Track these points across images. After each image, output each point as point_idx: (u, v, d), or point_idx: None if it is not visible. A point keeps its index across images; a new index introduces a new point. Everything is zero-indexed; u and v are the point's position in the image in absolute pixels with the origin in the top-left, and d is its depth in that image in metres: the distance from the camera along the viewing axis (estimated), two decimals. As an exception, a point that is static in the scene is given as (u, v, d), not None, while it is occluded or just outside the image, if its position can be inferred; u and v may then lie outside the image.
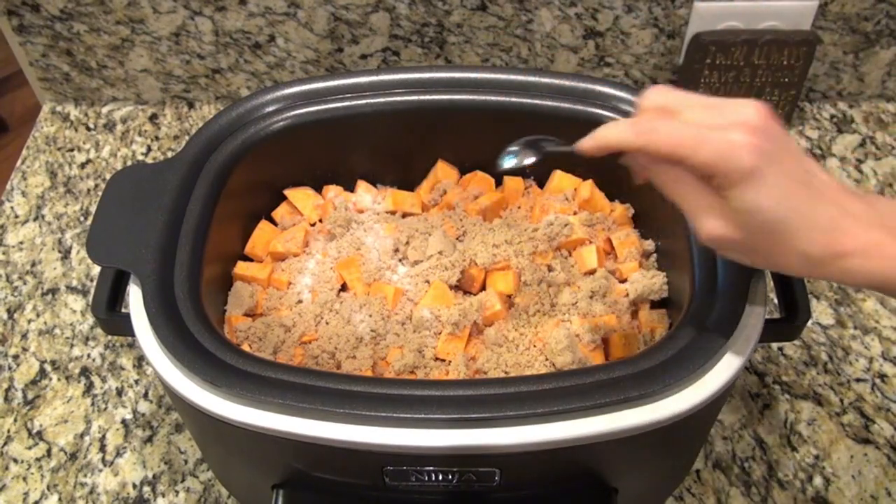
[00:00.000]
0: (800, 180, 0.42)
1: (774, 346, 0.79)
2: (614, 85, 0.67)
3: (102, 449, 0.73)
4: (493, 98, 0.68)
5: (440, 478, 0.53)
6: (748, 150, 0.40)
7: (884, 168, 0.94)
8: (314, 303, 0.66)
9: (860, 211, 0.42)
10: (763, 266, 0.46)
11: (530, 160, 0.53)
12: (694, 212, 0.44)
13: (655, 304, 0.66)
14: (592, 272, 0.68)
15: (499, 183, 0.75)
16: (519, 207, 0.72)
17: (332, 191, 0.74)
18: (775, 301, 0.61)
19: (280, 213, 0.73)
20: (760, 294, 0.54)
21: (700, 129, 0.42)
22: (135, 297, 0.56)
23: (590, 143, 0.46)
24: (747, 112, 0.42)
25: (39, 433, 0.74)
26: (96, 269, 0.85)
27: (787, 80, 0.93)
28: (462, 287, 0.67)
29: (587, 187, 0.72)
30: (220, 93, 1.03)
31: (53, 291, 0.85)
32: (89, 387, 0.77)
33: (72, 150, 0.99)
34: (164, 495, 0.70)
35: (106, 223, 0.59)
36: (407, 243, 0.69)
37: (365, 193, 0.74)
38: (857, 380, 0.76)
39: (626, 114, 0.66)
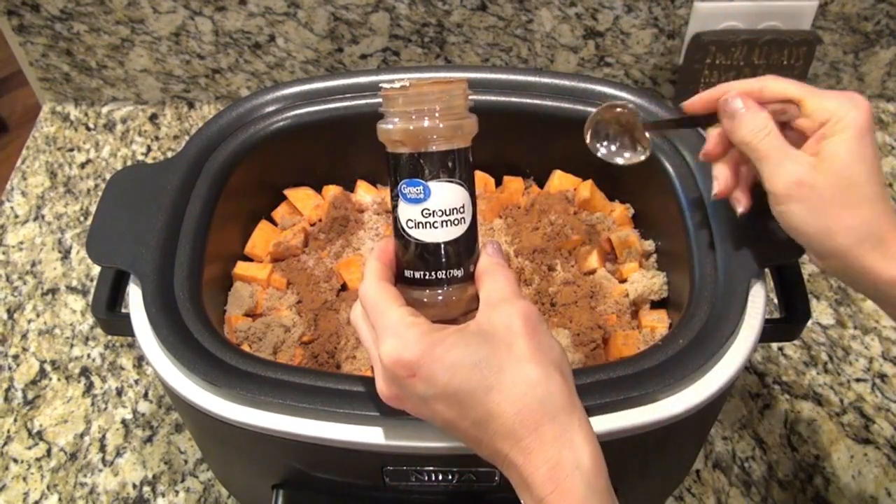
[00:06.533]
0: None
1: (774, 346, 0.79)
2: (614, 85, 0.67)
3: (102, 449, 0.73)
4: (493, 98, 0.68)
5: (440, 478, 0.53)
6: None
7: (884, 168, 0.94)
8: (314, 302, 0.66)
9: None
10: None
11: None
12: None
13: (655, 304, 0.66)
14: (592, 272, 0.68)
15: (499, 183, 0.75)
16: (519, 207, 0.72)
17: (332, 191, 0.74)
18: (775, 301, 0.61)
19: (280, 213, 0.73)
20: (760, 294, 0.54)
21: None
22: (135, 297, 0.56)
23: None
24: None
25: (39, 433, 0.74)
26: (96, 269, 0.85)
27: (787, 80, 0.93)
28: (462, 287, 0.67)
29: (587, 187, 0.72)
30: (220, 93, 1.03)
31: (53, 291, 0.85)
32: (89, 387, 0.77)
33: (72, 150, 0.99)
34: (164, 495, 0.70)
35: (106, 223, 0.59)
36: (407, 243, 0.69)
37: (365, 193, 0.74)
38: (857, 380, 0.76)
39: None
